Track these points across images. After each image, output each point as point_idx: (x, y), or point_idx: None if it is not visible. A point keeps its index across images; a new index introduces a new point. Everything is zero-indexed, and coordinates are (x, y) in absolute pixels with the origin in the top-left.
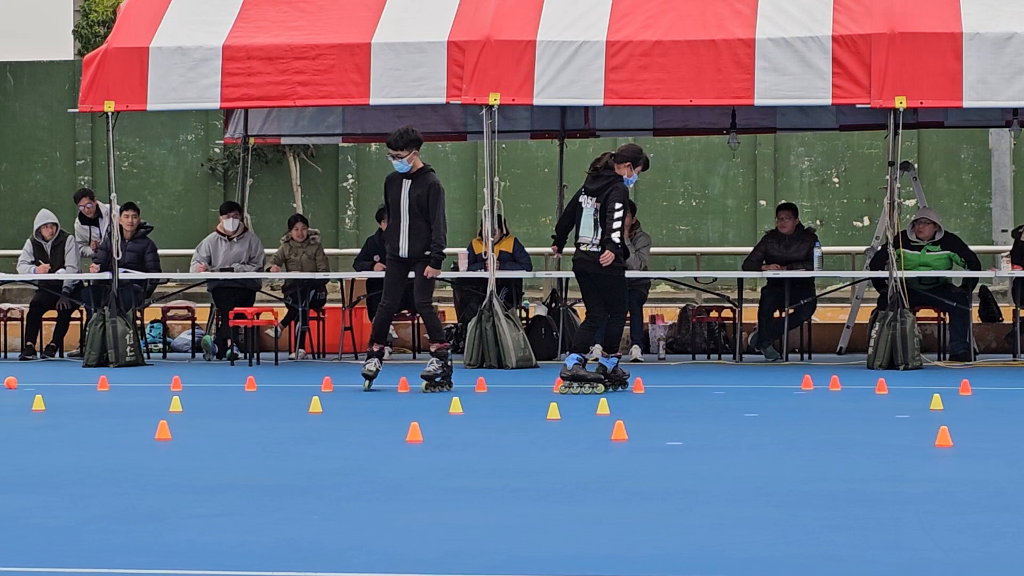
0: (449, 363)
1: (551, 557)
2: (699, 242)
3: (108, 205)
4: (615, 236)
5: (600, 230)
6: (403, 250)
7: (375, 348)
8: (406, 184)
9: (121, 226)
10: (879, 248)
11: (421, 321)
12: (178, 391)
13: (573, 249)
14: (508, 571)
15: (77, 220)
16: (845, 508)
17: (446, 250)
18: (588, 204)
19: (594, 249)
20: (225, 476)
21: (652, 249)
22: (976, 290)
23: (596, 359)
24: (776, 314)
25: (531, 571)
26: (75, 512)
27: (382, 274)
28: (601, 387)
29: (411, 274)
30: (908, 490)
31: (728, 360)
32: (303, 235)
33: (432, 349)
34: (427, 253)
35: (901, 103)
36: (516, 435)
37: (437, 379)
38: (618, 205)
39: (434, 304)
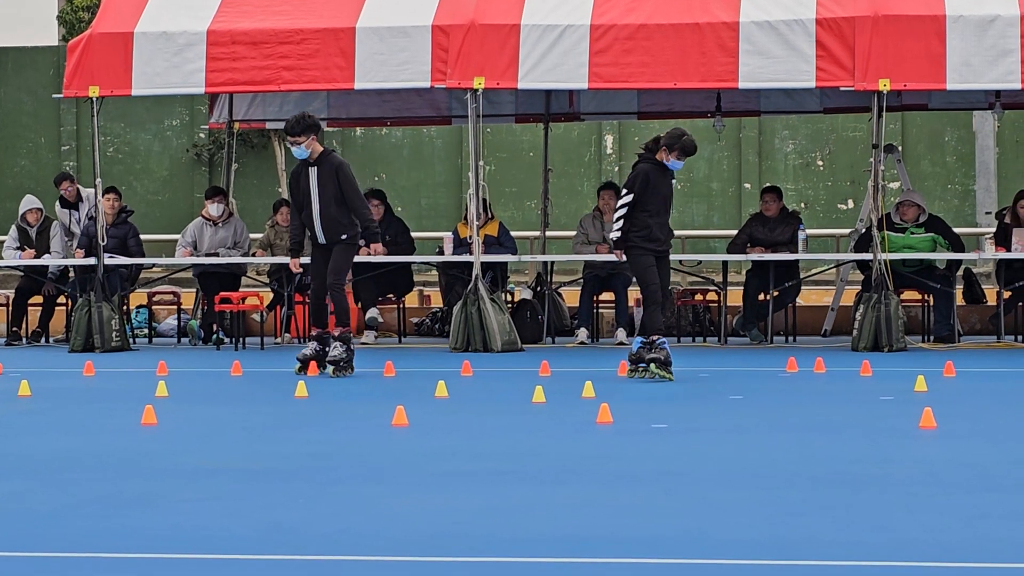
0: (352, 348)
1: (537, 539)
2: (684, 225)
3: (88, 189)
4: (615, 232)
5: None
6: (320, 237)
7: (313, 332)
8: (312, 172)
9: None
10: (863, 230)
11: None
12: (164, 376)
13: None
14: (494, 554)
15: (57, 203)
16: (830, 489)
17: (437, 235)
18: None
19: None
20: (211, 460)
21: None
22: (960, 272)
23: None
24: (761, 297)
25: (517, 553)
26: (62, 497)
27: (374, 258)
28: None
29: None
30: (893, 471)
31: (713, 343)
32: (288, 220)
33: (336, 333)
34: (344, 237)
35: (885, 85)
36: (502, 418)
37: (342, 363)
38: (624, 191)
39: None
